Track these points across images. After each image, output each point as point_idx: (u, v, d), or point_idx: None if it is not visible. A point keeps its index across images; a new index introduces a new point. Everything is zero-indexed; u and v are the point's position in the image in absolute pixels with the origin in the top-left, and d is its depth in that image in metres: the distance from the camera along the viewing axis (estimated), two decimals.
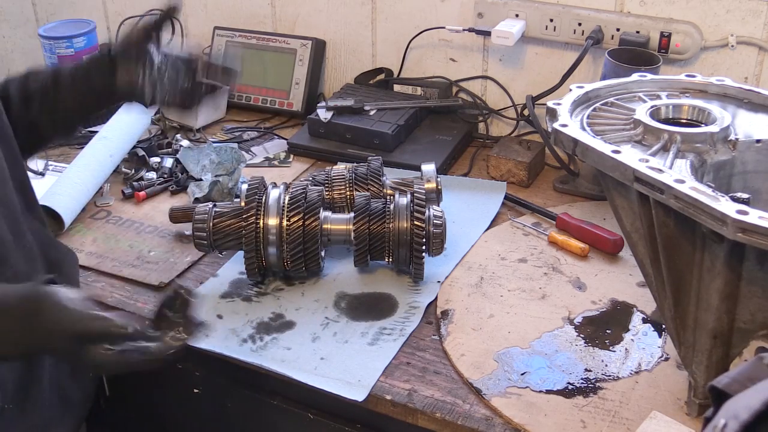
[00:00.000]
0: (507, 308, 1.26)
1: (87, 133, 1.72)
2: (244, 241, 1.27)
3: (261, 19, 1.96)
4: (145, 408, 1.43)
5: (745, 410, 0.55)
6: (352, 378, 1.13)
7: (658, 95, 1.14)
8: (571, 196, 1.56)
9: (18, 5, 2.29)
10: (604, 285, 1.30)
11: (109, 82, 1.18)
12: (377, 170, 1.41)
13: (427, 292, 1.29)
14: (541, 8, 1.63)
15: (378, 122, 1.67)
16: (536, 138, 1.67)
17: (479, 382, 1.11)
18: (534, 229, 1.44)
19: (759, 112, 1.09)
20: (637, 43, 1.54)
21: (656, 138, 1.02)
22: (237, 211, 1.29)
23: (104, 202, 1.56)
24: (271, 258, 1.28)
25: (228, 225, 1.29)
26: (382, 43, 1.85)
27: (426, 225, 1.26)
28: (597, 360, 1.15)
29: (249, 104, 1.91)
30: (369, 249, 1.29)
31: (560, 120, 1.05)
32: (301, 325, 1.23)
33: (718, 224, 0.83)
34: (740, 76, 1.53)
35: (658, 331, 1.20)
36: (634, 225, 1.01)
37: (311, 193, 1.30)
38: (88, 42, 1.98)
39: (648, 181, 0.91)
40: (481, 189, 1.55)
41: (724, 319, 0.94)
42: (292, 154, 1.72)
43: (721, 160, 1.01)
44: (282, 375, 1.14)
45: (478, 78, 1.78)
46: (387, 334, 1.21)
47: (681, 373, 1.10)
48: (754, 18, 1.48)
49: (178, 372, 1.31)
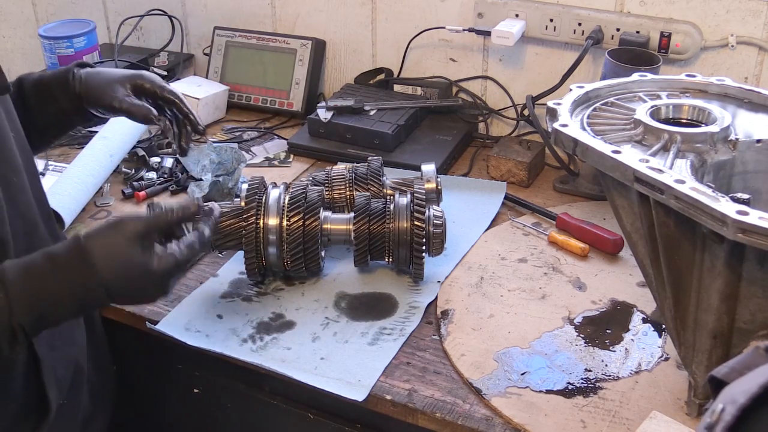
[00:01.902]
0: (507, 308, 1.26)
1: (87, 133, 1.73)
2: (244, 241, 1.27)
3: (261, 19, 1.96)
4: (145, 408, 1.43)
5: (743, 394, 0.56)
6: (352, 378, 1.13)
7: (659, 95, 1.14)
8: (571, 196, 1.56)
9: (18, 5, 2.29)
10: (604, 285, 1.30)
11: None
12: (377, 170, 1.41)
13: (427, 292, 1.29)
14: (541, 8, 1.63)
15: (378, 122, 1.67)
16: (536, 138, 1.67)
17: (479, 382, 1.11)
18: (534, 229, 1.44)
19: (759, 112, 1.09)
20: (637, 43, 1.54)
21: (656, 138, 1.02)
22: (237, 211, 1.29)
23: (104, 202, 1.56)
24: (271, 258, 1.28)
25: (228, 225, 1.29)
26: (382, 43, 1.85)
27: (426, 225, 1.26)
28: (597, 360, 1.15)
29: (249, 104, 1.91)
30: (369, 249, 1.29)
31: (560, 120, 1.05)
32: (301, 325, 1.23)
33: (718, 224, 0.83)
34: (740, 76, 1.53)
35: (658, 331, 1.20)
36: (634, 225, 1.01)
37: (311, 193, 1.30)
38: (88, 42, 1.98)
39: (648, 181, 0.91)
40: (481, 189, 1.55)
41: (724, 319, 0.94)
42: (292, 154, 1.72)
43: (721, 160, 1.01)
44: (282, 375, 1.14)
45: (478, 78, 1.78)
46: (387, 334, 1.21)
47: (681, 373, 1.10)
48: (754, 18, 1.48)
49: (178, 372, 1.31)
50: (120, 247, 0.96)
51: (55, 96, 1.22)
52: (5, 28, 2.34)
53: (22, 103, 1.21)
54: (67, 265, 0.94)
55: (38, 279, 0.93)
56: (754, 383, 0.57)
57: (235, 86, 1.92)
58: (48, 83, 1.23)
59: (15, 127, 1.11)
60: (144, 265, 0.96)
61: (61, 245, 0.97)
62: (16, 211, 1.05)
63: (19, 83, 1.23)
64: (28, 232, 1.07)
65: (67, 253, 0.95)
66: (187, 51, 2.06)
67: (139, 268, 0.96)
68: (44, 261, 0.94)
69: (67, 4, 2.20)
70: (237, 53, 1.93)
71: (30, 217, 1.08)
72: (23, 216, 1.06)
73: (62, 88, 1.22)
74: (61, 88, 1.22)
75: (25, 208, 1.08)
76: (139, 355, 1.38)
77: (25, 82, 1.23)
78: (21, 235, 1.05)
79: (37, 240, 1.08)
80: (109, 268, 0.94)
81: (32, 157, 1.15)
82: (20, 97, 1.21)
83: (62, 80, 1.22)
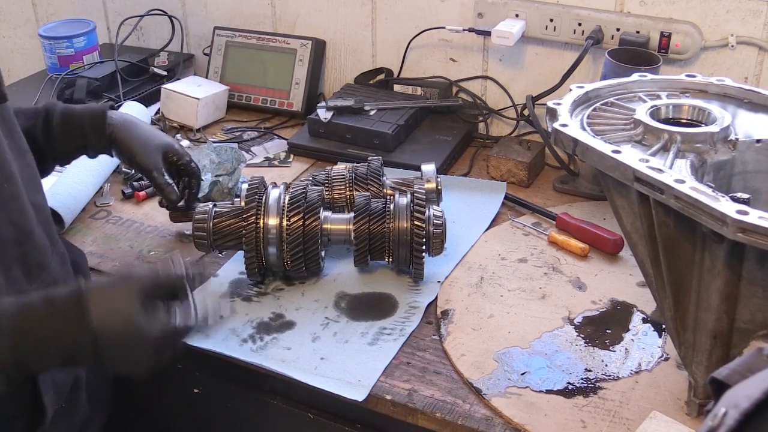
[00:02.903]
0: (507, 308, 1.26)
1: None
2: (244, 241, 1.27)
3: (261, 19, 1.96)
4: (145, 408, 1.43)
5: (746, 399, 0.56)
6: (352, 378, 1.13)
7: (658, 95, 1.14)
8: (571, 196, 1.56)
9: (18, 5, 2.29)
10: (604, 285, 1.30)
11: None
12: (377, 170, 1.41)
13: (427, 292, 1.29)
14: (541, 8, 1.63)
15: (378, 122, 1.67)
16: (536, 138, 1.67)
17: (479, 382, 1.11)
18: (534, 229, 1.44)
19: (759, 112, 1.09)
20: (637, 43, 1.54)
21: (656, 138, 1.02)
22: (237, 211, 1.29)
23: (104, 202, 1.56)
24: (271, 258, 1.28)
25: (228, 225, 1.29)
26: (382, 43, 1.85)
27: (426, 225, 1.26)
28: (597, 360, 1.15)
29: (249, 104, 1.91)
30: (369, 249, 1.29)
31: (560, 120, 1.05)
32: (301, 325, 1.23)
33: (718, 224, 0.83)
34: (740, 76, 1.53)
35: (658, 331, 1.20)
36: (634, 225, 1.01)
37: (311, 193, 1.30)
38: (88, 42, 1.98)
39: (648, 181, 0.91)
40: (481, 189, 1.55)
41: (724, 319, 0.94)
42: (292, 154, 1.72)
43: (721, 160, 1.01)
44: (282, 375, 1.14)
45: (478, 78, 1.78)
46: (387, 334, 1.21)
47: (681, 373, 1.10)
48: (754, 18, 1.48)
49: (178, 372, 1.31)
50: (120, 303, 0.93)
51: (86, 133, 1.29)
52: (5, 28, 2.34)
53: (46, 131, 1.27)
54: (62, 312, 0.92)
55: (30, 320, 0.91)
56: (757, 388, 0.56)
57: (235, 86, 1.92)
58: (80, 118, 1.29)
59: (11, 135, 1.10)
60: (140, 328, 0.93)
61: (63, 290, 0.95)
62: (7, 219, 1.04)
63: (47, 112, 1.28)
64: (19, 240, 1.05)
65: (66, 300, 0.93)
66: (187, 51, 2.06)
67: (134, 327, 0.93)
68: (41, 304, 0.93)
69: (67, 4, 2.20)
70: (237, 53, 1.93)
71: (23, 224, 1.07)
72: (14, 223, 1.05)
73: (95, 127, 1.29)
74: (93, 127, 1.29)
75: (18, 215, 1.06)
76: None
77: (54, 112, 1.28)
78: (11, 243, 1.04)
79: (30, 248, 1.07)
80: (103, 321, 0.91)
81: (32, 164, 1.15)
82: (46, 124, 1.28)
83: (97, 120, 1.29)
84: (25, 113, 1.29)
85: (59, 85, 1.83)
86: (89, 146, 1.31)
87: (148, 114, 1.79)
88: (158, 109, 1.86)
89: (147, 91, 1.90)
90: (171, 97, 1.82)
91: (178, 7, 2.05)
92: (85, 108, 1.33)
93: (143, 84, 1.93)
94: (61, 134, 1.28)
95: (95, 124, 1.29)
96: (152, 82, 1.94)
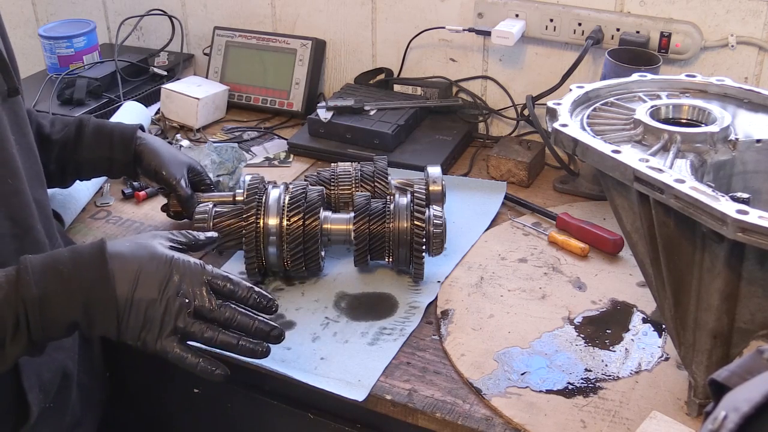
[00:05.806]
0: (507, 308, 1.26)
1: None
2: (244, 241, 1.27)
3: (261, 19, 1.96)
4: (145, 408, 1.43)
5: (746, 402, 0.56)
6: (352, 378, 1.13)
7: (658, 95, 1.14)
8: (571, 196, 1.56)
9: (18, 5, 2.29)
10: (604, 285, 1.30)
11: None
12: (383, 170, 1.41)
13: (427, 292, 1.29)
14: (541, 8, 1.63)
15: (378, 122, 1.67)
16: (536, 138, 1.67)
17: (479, 382, 1.11)
18: (534, 229, 1.44)
19: (759, 112, 1.09)
20: (637, 43, 1.54)
21: (656, 138, 1.02)
22: (237, 211, 1.29)
23: (104, 202, 1.56)
24: (271, 258, 1.28)
25: (228, 225, 1.29)
26: (382, 43, 1.85)
27: (426, 225, 1.26)
28: (597, 360, 1.15)
29: (249, 104, 1.91)
30: (369, 249, 1.29)
31: (560, 120, 1.05)
32: (301, 325, 1.23)
33: (718, 224, 0.83)
34: (740, 76, 1.53)
35: (658, 331, 1.20)
36: (634, 225, 1.01)
37: (311, 193, 1.30)
38: (88, 42, 1.98)
39: (648, 181, 0.91)
40: (481, 189, 1.55)
41: (724, 319, 0.94)
42: (292, 154, 1.72)
43: (721, 160, 1.01)
44: (282, 375, 1.14)
45: (478, 78, 1.78)
46: (387, 334, 1.21)
47: (681, 373, 1.10)
48: (754, 18, 1.48)
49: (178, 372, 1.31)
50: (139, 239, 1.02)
51: (113, 144, 1.35)
52: (5, 28, 2.34)
53: (77, 138, 1.34)
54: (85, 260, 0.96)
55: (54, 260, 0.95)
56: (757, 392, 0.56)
57: (235, 86, 1.92)
58: (111, 131, 1.37)
59: (20, 131, 1.11)
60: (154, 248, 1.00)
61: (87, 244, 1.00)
62: (7, 213, 1.05)
63: (80, 122, 1.36)
64: (18, 235, 1.06)
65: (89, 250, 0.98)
66: (187, 51, 2.06)
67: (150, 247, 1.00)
68: (67, 251, 0.98)
69: (67, 4, 2.20)
70: (237, 53, 1.93)
71: (23, 220, 1.08)
72: (13, 218, 1.06)
73: (124, 139, 1.36)
74: (122, 139, 1.36)
75: (18, 210, 1.07)
76: (139, 355, 1.37)
77: (89, 122, 1.36)
78: (9, 236, 1.05)
79: (29, 244, 1.08)
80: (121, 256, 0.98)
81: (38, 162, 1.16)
82: (78, 131, 1.35)
83: (127, 134, 1.36)
84: (62, 120, 1.37)
85: (59, 85, 1.83)
86: (114, 159, 1.35)
87: (148, 114, 1.79)
88: (158, 109, 1.85)
89: (147, 91, 1.90)
90: (171, 97, 1.82)
91: (178, 7, 2.05)
92: (117, 123, 1.42)
93: (143, 84, 1.93)
94: (90, 142, 1.34)
95: (124, 136, 1.36)
96: (152, 82, 1.94)
